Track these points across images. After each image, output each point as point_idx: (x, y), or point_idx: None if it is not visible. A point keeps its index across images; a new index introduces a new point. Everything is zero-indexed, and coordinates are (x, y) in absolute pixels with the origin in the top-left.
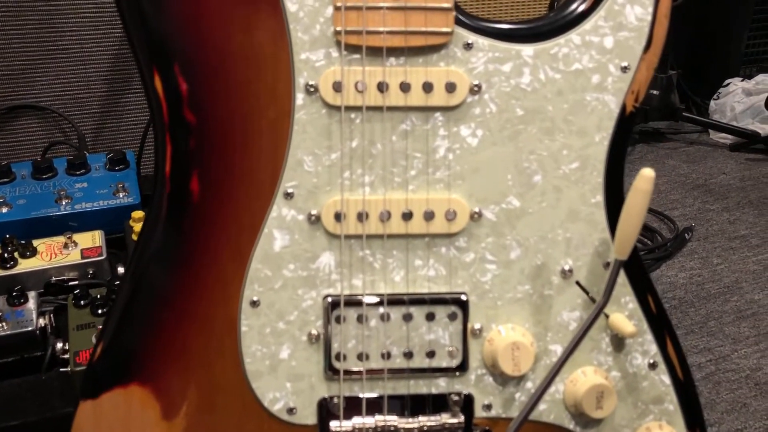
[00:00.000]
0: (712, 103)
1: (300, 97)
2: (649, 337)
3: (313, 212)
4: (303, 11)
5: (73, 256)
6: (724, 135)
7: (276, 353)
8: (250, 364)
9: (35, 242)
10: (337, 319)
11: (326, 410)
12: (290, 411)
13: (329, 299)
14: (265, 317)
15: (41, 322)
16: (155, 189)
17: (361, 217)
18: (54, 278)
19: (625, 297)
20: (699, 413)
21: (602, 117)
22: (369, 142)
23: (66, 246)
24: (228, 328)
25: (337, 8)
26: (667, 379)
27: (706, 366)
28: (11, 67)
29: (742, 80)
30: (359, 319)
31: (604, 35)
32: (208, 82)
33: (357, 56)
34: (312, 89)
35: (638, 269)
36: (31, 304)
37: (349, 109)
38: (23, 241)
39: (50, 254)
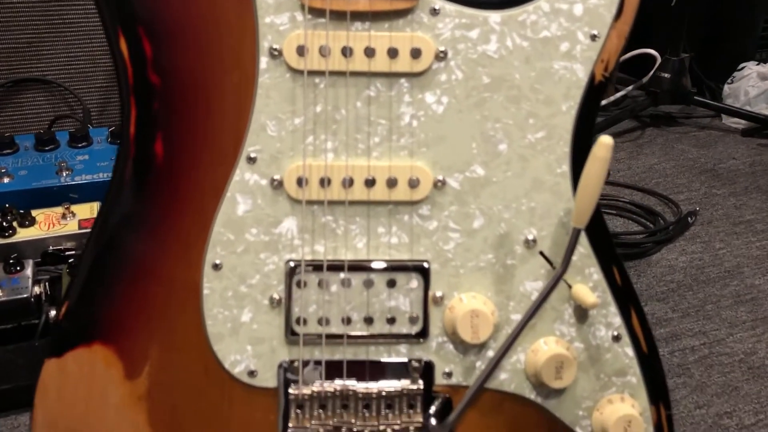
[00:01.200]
0: (726, 87)
1: (264, 61)
2: (613, 309)
3: (276, 177)
4: None
5: (71, 227)
6: (736, 120)
7: (237, 316)
8: (211, 327)
9: (34, 212)
10: (298, 284)
11: (287, 373)
12: (251, 374)
13: (291, 264)
14: (227, 280)
15: (36, 289)
16: (120, 151)
17: (324, 182)
18: (51, 248)
19: (589, 268)
20: (663, 387)
21: (570, 86)
22: (333, 107)
23: (64, 216)
24: (190, 290)
25: None
26: (630, 351)
27: (699, 349)
28: (18, 40)
29: (758, 64)
30: (320, 284)
31: (574, 2)
32: (172, 45)
33: (322, 20)
34: (276, 53)
35: (604, 240)
36: (28, 272)
37: (312, 73)
38: (22, 211)
39: (48, 224)
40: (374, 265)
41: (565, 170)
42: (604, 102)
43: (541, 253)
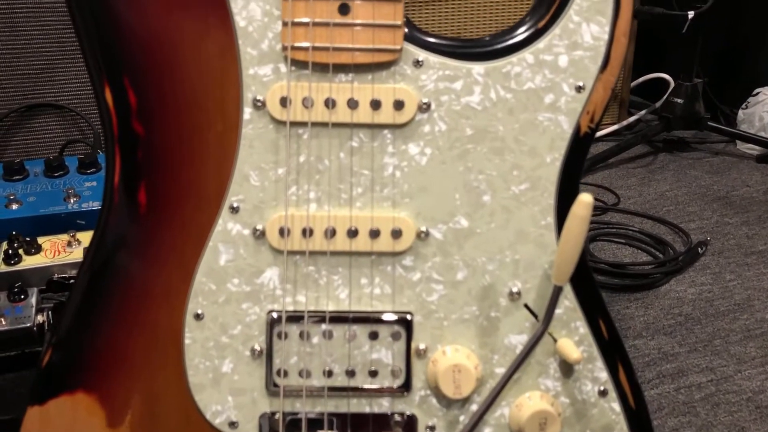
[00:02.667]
0: (741, 112)
1: (248, 112)
2: (599, 363)
3: (258, 227)
4: (252, 26)
5: (76, 254)
6: (751, 146)
7: (219, 367)
8: (193, 377)
9: (40, 239)
10: (279, 335)
11: (268, 425)
12: (232, 425)
13: (272, 314)
14: (208, 330)
15: (39, 318)
16: (104, 199)
17: (306, 232)
18: (56, 275)
19: (575, 322)
20: None
21: (554, 137)
22: (316, 157)
23: (69, 244)
24: (172, 339)
25: (284, 24)
26: (617, 407)
27: (706, 386)
28: (32, 66)
29: None
30: (301, 335)
31: (559, 54)
32: (156, 95)
33: (305, 72)
34: (259, 104)
35: (590, 293)
36: (32, 300)
37: (295, 124)
38: (28, 238)
39: (54, 252)
40: (356, 317)
41: (550, 222)
42: (616, 126)
43: (526, 306)
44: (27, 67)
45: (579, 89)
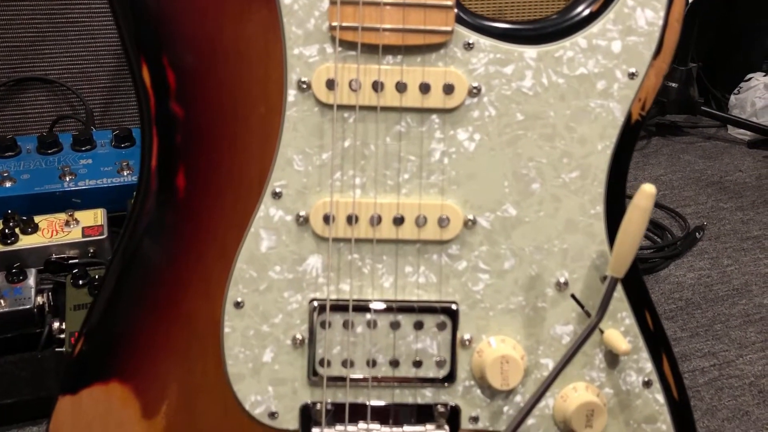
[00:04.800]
0: (733, 97)
1: (292, 94)
2: (644, 354)
3: (302, 213)
4: (297, 4)
5: (74, 234)
6: (742, 131)
7: (259, 356)
8: (232, 366)
9: (37, 218)
10: (323, 324)
11: (308, 416)
12: (272, 415)
13: (315, 303)
14: (248, 319)
15: (39, 300)
16: (140, 183)
17: (351, 220)
18: (54, 256)
19: (621, 312)
20: None
21: (606, 125)
22: (362, 142)
23: (67, 223)
24: (211, 328)
25: (332, 2)
26: (661, 398)
27: (709, 371)
28: (20, 38)
29: (765, 75)
30: (345, 325)
31: (612, 39)
32: (197, 75)
33: (352, 53)
34: (304, 86)
35: (637, 284)
36: (31, 281)
37: (342, 107)
38: (24, 217)
39: (51, 231)
40: (401, 306)
41: (599, 211)
42: None
43: (573, 297)
44: (15, 39)
45: (632, 76)
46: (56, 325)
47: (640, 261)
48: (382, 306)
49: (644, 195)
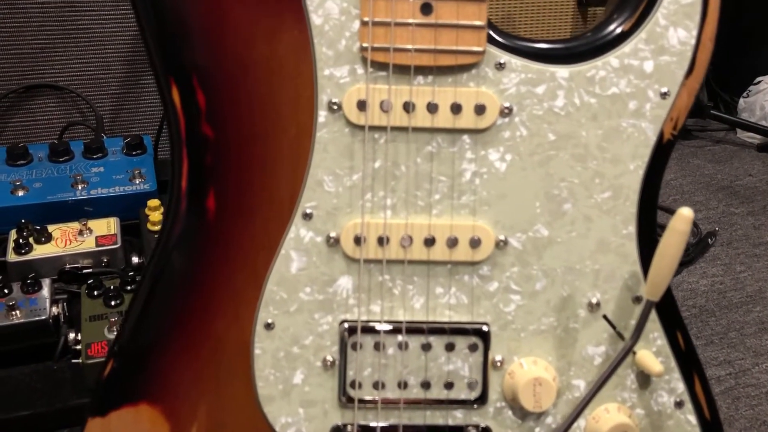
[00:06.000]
0: (742, 101)
1: (322, 115)
2: (676, 375)
3: (332, 234)
4: (328, 25)
5: (88, 244)
6: (752, 134)
7: (289, 378)
8: (262, 388)
9: (50, 228)
10: (353, 346)
11: None
12: None
13: (346, 325)
14: (279, 341)
15: (54, 310)
16: (169, 204)
17: (382, 241)
18: (68, 265)
19: (653, 333)
20: None
21: (638, 145)
22: (392, 163)
23: (81, 233)
24: (241, 350)
25: (364, 23)
26: (693, 419)
27: (725, 380)
28: (30, 45)
29: None
30: (376, 346)
31: (645, 59)
32: (227, 96)
33: (383, 74)
34: (335, 107)
35: (669, 304)
36: (45, 292)
37: (373, 128)
38: (38, 227)
39: (65, 241)
40: (432, 327)
41: (632, 231)
42: None
43: (605, 317)
44: (25, 46)
45: (664, 95)
46: (71, 335)
47: None
48: (413, 327)
49: (682, 219)
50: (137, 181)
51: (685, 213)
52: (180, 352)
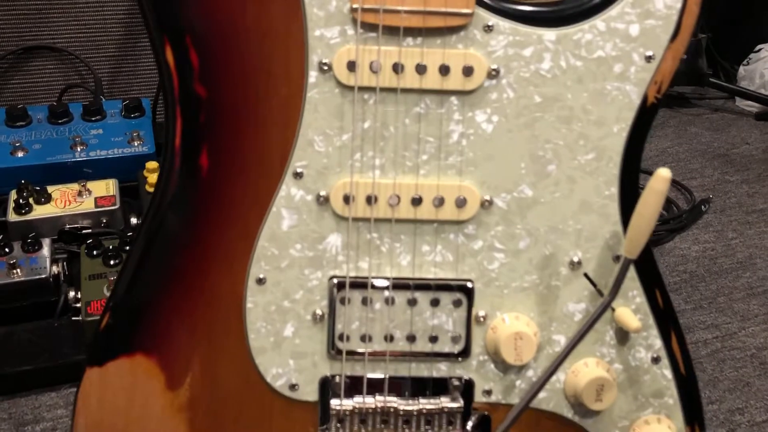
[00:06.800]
0: (741, 69)
1: (313, 75)
2: (654, 332)
3: (322, 193)
4: None
5: (87, 204)
6: (750, 103)
7: (280, 330)
8: (254, 340)
9: (50, 189)
10: (342, 301)
11: (327, 388)
12: (292, 387)
13: (335, 280)
14: (270, 295)
15: (54, 269)
16: (164, 161)
17: (370, 200)
18: (68, 226)
19: (632, 291)
20: (699, 409)
21: (622, 107)
22: (381, 124)
23: (80, 194)
24: (234, 303)
25: None
26: (669, 373)
27: (712, 342)
28: (28, 6)
29: None
30: (364, 301)
31: (630, 22)
32: (220, 56)
33: (373, 35)
34: (325, 67)
35: (648, 264)
36: (45, 251)
37: (362, 89)
38: (38, 188)
39: (64, 201)
40: (418, 283)
41: (614, 192)
42: None
43: (586, 275)
44: (23, 7)
45: (649, 59)
46: (71, 294)
47: None
48: (400, 283)
49: (659, 179)
50: (136, 143)
51: (663, 173)
52: (174, 306)
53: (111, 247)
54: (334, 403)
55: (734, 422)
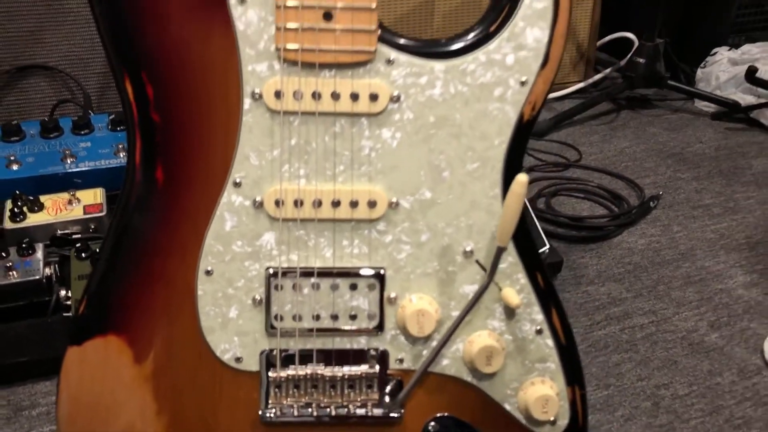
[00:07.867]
0: (699, 71)
1: (247, 102)
2: (536, 308)
3: (258, 199)
4: (250, 30)
5: (77, 212)
6: (707, 104)
7: (226, 313)
8: (204, 321)
9: (42, 198)
10: (276, 287)
11: (267, 360)
12: (237, 360)
13: (270, 270)
14: (217, 284)
15: (47, 271)
16: (127, 174)
17: (297, 203)
18: (59, 231)
19: (517, 274)
20: (578, 372)
21: (502, 124)
22: (305, 141)
23: (70, 202)
24: (187, 291)
25: (278, 29)
26: (551, 342)
27: (647, 327)
28: (22, 28)
29: (729, 50)
30: (294, 287)
31: (506, 54)
32: (170, 88)
33: (295, 69)
34: (257, 96)
35: (529, 251)
36: (39, 255)
37: (287, 113)
38: (31, 197)
39: (56, 209)
40: (339, 271)
41: (497, 193)
42: (582, 84)
43: (477, 262)
44: (16, 28)
45: (523, 84)
46: (63, 293)
47: (595, 229)
48: (324, 272)
49: (518, 183)
50: (121, 155)
51: (521, 179)
52: (138, 293)
53: (98, 249)
54: (272, 372)
55: (659, 396)
